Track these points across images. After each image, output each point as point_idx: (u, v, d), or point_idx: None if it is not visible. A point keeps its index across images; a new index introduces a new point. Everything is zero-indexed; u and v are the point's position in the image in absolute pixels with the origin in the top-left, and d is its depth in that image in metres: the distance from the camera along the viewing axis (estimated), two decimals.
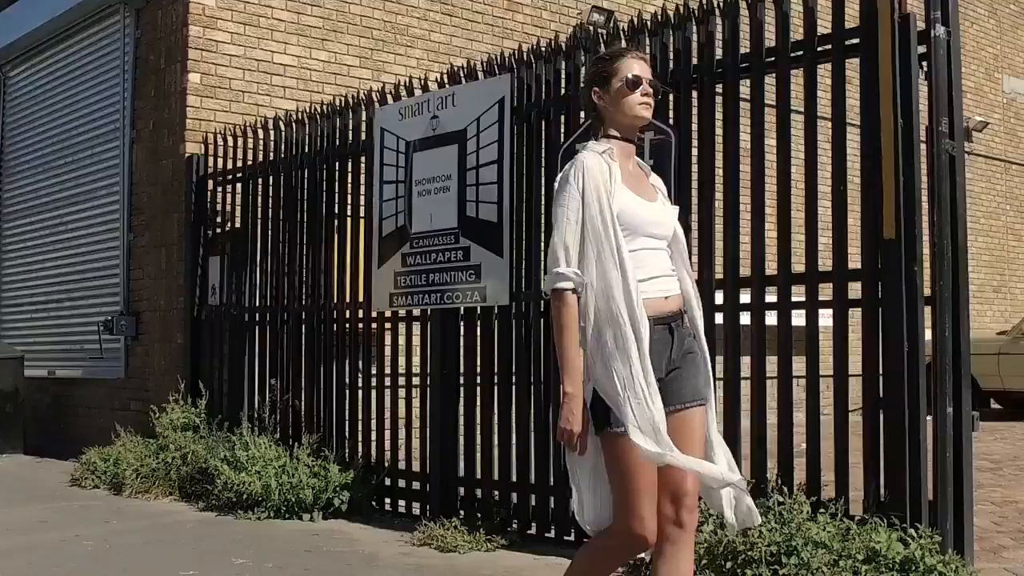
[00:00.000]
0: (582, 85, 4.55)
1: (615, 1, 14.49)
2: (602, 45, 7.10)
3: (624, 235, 3.86)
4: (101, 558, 7.01)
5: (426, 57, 12.54)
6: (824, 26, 6.04)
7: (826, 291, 5.96)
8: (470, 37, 13.07)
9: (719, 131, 6.41)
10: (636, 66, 4.04)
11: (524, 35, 12.97)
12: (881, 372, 5.67)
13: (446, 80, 8.14)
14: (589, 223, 3.82)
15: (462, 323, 7.86)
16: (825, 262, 5.97)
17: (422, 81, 8.42)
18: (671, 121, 6.64)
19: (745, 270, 6.24)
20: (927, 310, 5.66)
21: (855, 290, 5.86)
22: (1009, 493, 8.91)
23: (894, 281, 5.57)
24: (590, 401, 3.81)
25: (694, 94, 6.60)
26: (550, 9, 13.97)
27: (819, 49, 6.06)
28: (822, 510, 5.49)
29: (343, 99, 9.13)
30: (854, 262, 5.84)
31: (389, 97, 8.58)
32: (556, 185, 4.00)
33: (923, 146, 5.68)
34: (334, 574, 6.48)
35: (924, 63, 5.69)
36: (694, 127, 6.58)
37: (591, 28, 12.22)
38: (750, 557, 5.22)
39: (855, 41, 5.88)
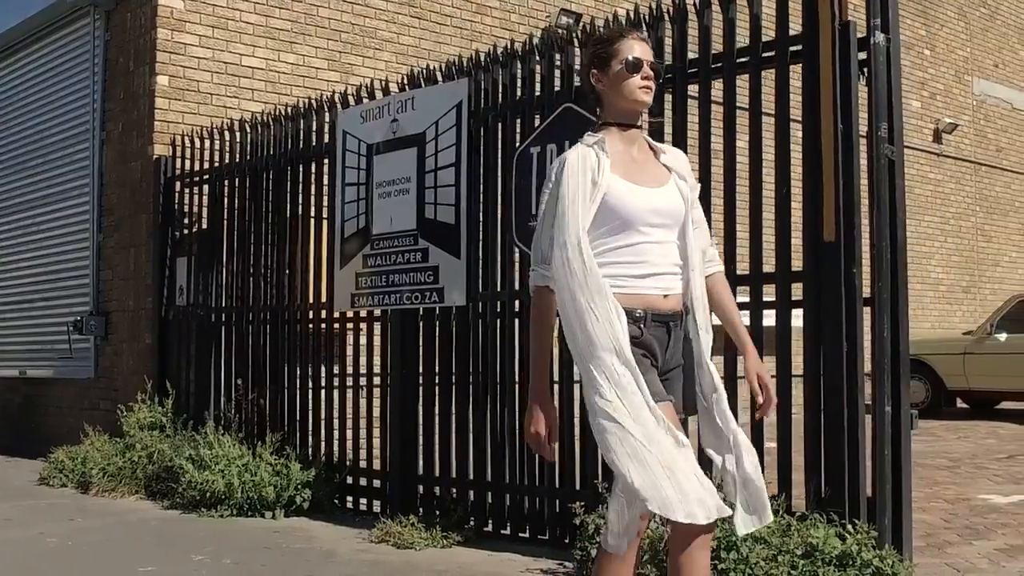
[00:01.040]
0: (581, 66, 4.34)
1: (583, 4, 14.61)
2: (559, 50, 7.23)
3: (618, 229, 3.72)
4: (62, 555, 7.10)
5: (395, 60, 12.64)
6: (770, 33, 6.17)
7: (772, 292, 6.08)
8: (439, 40, 13.18)
9: (669, 135, 6.53)
10: (637, 48, 3.87)
11: (493, 38, 13.05)
12: (822, 372, 5.78)
13: (406, 84, 8.25)
14: (562, 216, 3.67)
15: (421, 323, 7.96)
16: (771, 263, 6.10)
17: (383, 84, 8.52)
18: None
19: None
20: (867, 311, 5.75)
21: (799, 291, 5.97)
22: (963, 491, 9.05)
23: (834, 282, 5.69)
24: None
25: None
26: (519, 12, 14.09)
27: (764, 55, 6.19)
28: None
29: (307, 102, 9.23)
30: (798, 264, 5.96)
31: (351, 100, 8.68)
32: (545, 182, 3.91)
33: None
34: (290, 570, 6.58)
35: (865, 69, 5.81)
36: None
37: (559, 31, 12.33)
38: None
39: (798, 48, 6.01)
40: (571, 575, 6.18)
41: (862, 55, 5.82)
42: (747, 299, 6.08)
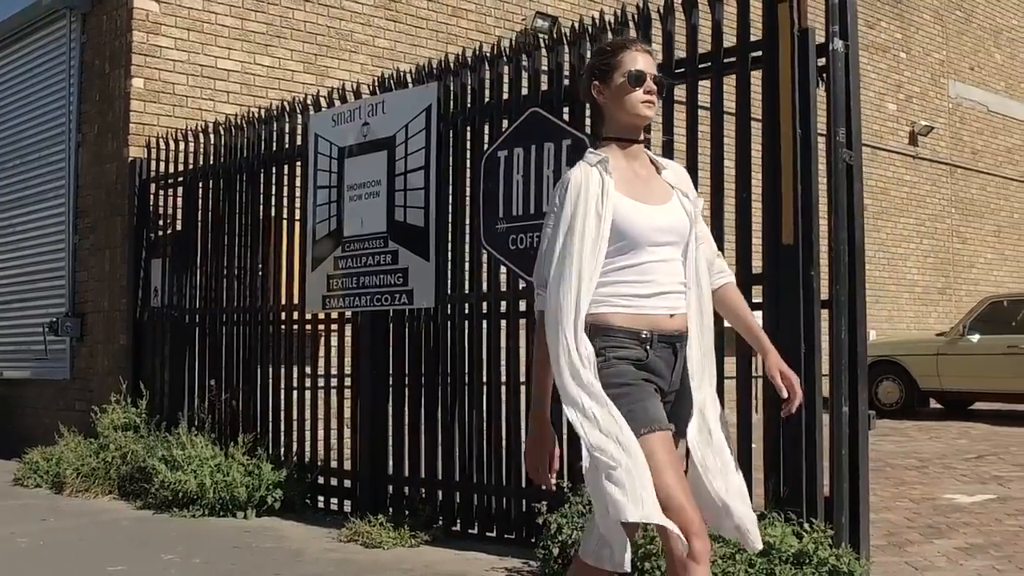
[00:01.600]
0: (581, 76, 4.12)
1: (559, 7, 14.69)
2: (527, 54, 7.31)
3: (625, 249, 3.62)
4: (33, 555, 7.16)
5: (370, 63, 12.71)
6: (732, 39, 6.27)
7: None
8: (414, 43, 13.25)
9: None
10: (640, 60, 3.75)
11: (468, 41, 13.13)
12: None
13: (377, 88, 8.33)
14: (567, 240, 3.57)
15: (392, 325, 8.04)
16: (732, 265, 6.18)
17: (355, 88, 8.59)
18: (587, 129, 6.84)
19: None
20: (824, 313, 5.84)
21: (759, 293, 6.06)
22: (929, 490, 9.15)
23: (792, 285, 5.78)
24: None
25: None
26: (494, 15, 14.16)
27: (726, 60, 6.28)
28: None
29: (280, 105, 9.30)
30: (758, 266, 6.05)
31: (323, 104, 8.76)
32: (549, 202, 3.77)
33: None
34: (258, 569, 6.65)
35: (823, 75, 5.90)
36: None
37: (535, 34, 12.40)
38: (649, 551, 5.41)
39: (759, 53, 6.10)
40: (536, 573, 6.25)
41: (821, 61, 5.92)
42: None
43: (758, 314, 6.00)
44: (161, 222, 10.68)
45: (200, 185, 10.07)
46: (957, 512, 8.14)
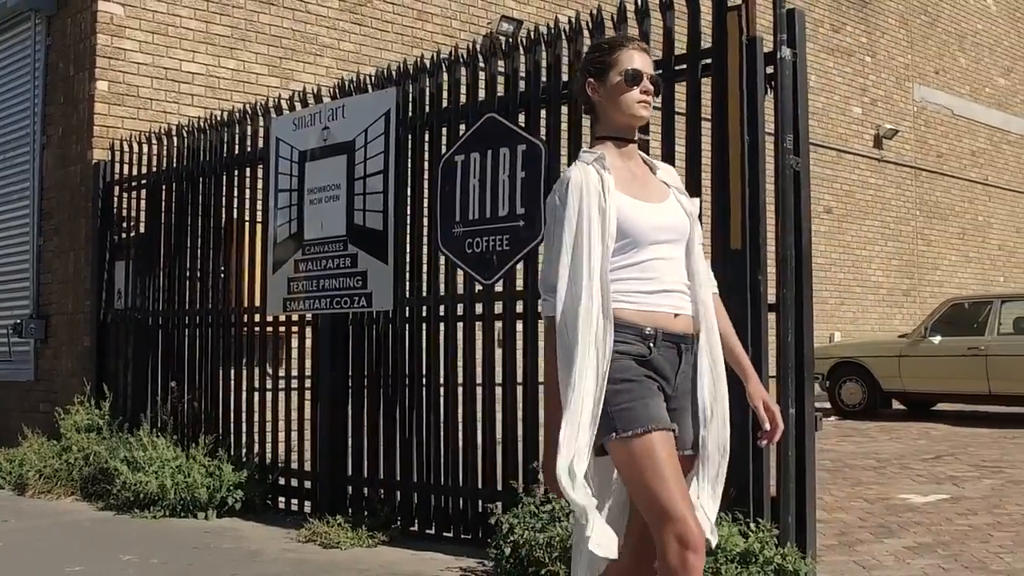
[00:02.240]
0: (576, 72, 4.03)
1: (524, 11, 14.77)
2: (484, 60, 7.39)
3: (628, 247, 3.56)
4: None
5: (335, 66, 12.77)
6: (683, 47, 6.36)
7: None
8: (380, 46, 13.31)
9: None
10: (637, 59, 3.68)
11: (434, 44, 13.18)
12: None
13: (337, 92, 8.40)
14: (575, 240, 3.50)
15: (351, 328, 8.10)
16: None
17: (315, 92, 8.66)
18: (543, 135, 6.94)
19: None
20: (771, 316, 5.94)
21: None
22: (884, 491, 9.27)
23: (740, 289, 5.87)
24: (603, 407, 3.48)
25: (564, 109, 6.92)
26: (460, 19, 14.24)
27: (676, 68, 6.37)
28: None
29: (242, 109, 9.36)
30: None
31: (285, 107, 8.82)
32: (546, 208, 3.71)
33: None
34: (215, 569, 6.71)
35: (772, 83, 6.00)
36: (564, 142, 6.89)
37: (500, 37, 12.48)
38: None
39: (709, 61, 6.20)
40: (489, 573, 6.33)
41: (770, 69, 6.02)
42: None
43: None
44: (125, 224, 10.72)
45: (163, 188, 10.11)
46: (910, 512, 8.25)
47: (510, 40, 7.40)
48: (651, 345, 3.54)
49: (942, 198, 22.89)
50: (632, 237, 3.55)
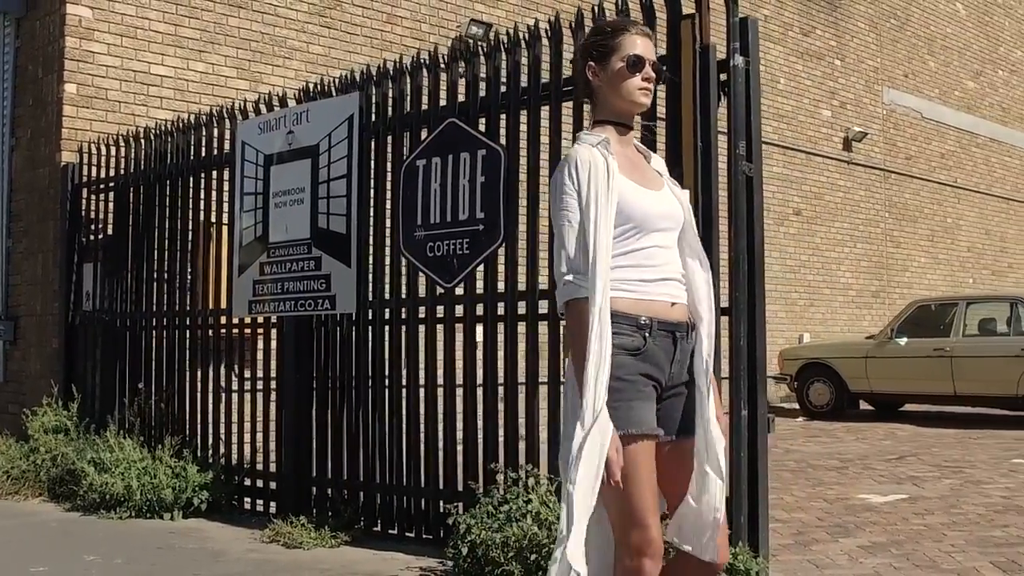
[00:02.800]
0: (576, 56, 3.91)
1: (494, 14, 14.85)
2: (445, 66, 7.47)
3: (631, 232, 3.52)
4: None
5: (304, 69, 12.81)
6: None
7: None
8: (349, 49, 13.37)
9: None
10: (640, 44, 3.64)
11: (403, 47, 13.28)
12: None
13: (301, 97, 8.48)
14: (584, 222, 3.44)
15: (315, 330, 8.18)
16: None
17: (281, 96, 8.73)
18: (503, 140, 7.03)
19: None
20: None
21: None
22: (845, 491, 9.39)
23: None
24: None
25: (523, 115, 7.01)
26: (429, 22, 14.30)
27: None
28: None
29: (208, 112, 9.42)
30: None
31: (251, 111, 8.89)
32: (551, 186, 3.60)
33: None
34: (178, 569, 6.78)
35: (725, 90, 6.11)
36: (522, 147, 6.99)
37: (470, 41, 12.56)
38: (552, 550, 5.59)
39: (663, 68, 6.28)
40: (449, 572, 6.41)
41: (723, 76, 6.12)
42: None
43: None
44: (93, 227, 10.77)
45: (131, 190, 10.16)
46: (868, 512, 8.37)
47: (479, 44, 7.50)
48: (646, 335, 3.50)
49: (911, 200, 23.06)
50: (635, 223, 3.52)
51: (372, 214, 7.83)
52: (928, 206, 23.54)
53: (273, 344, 8.56)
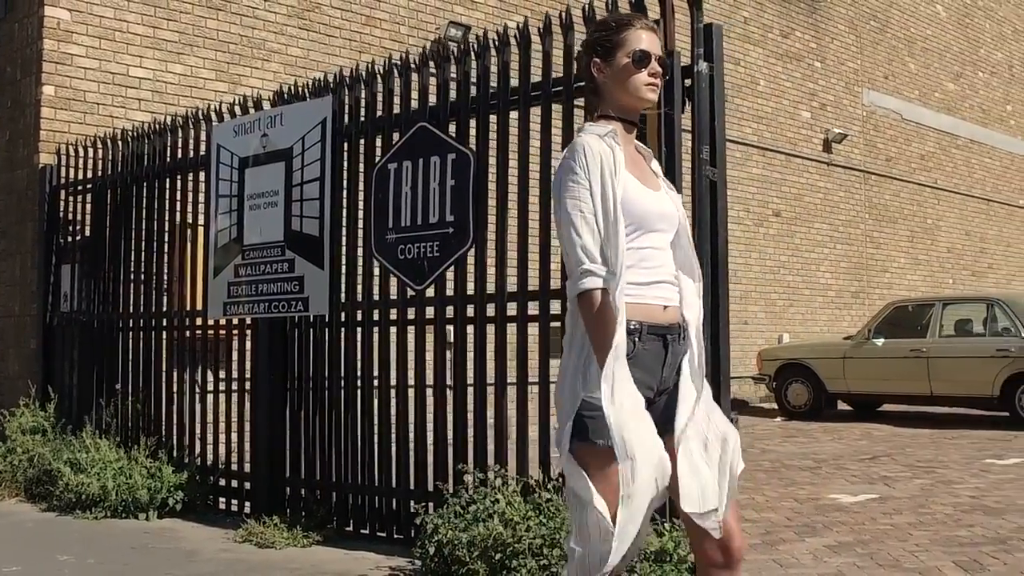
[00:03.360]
0: (579, 51, 3.83)
1: (473, 16, 14.92)
2: (416, 70, 7.54)
3: (630, 231, 3.44)
4: None
5: (283, 71, 12.88)
6: None
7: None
8: (328, 51, 13.44)
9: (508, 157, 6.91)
10: (645, 39, 3.58)
11: (382, 49, 13.33)
12: None
13: (276, 100, 8.55)
14: (597, 212, 3.37)
15: (289, 331, 8.24)
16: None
17: (255, 100, 8.79)
18: (472, 144, 7.11)
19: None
20: None
21: None
22: (816, 491, 9.47)
23: None
24: (579, 410, 3.38)
25: (492, 119, 7.09)
26: (408, 24, 14.37)
27: (576, 85, 6.52)
28: None
29: (184, 115, 9.47)
30: None
31: (227, 114, 8.95)
32: (557, 174, 3.51)
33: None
34: (150, 569, 6.84)
35: (689, 95, 6.18)
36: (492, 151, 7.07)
37: (449, 43, 12.63)
38: (517, 549, 5.68)
39: None
40: (417, 572, 6.48)
41: (687, 82, 6.20)
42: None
43: None
44: (71, 228, 10.81)
45: (109, 192, 10.21)
46: (837, 511, 8.45)
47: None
48: (635, 340, 3.41)
49: (891, 201, 23.20)
50: (637, 219, 3.46)
51: (345, 217, 7.89)
52: (908, 207, 23.68)
53: (248, 345, 8.62)
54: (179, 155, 9.43)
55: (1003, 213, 27.06)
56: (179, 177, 9.45)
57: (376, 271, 7.62)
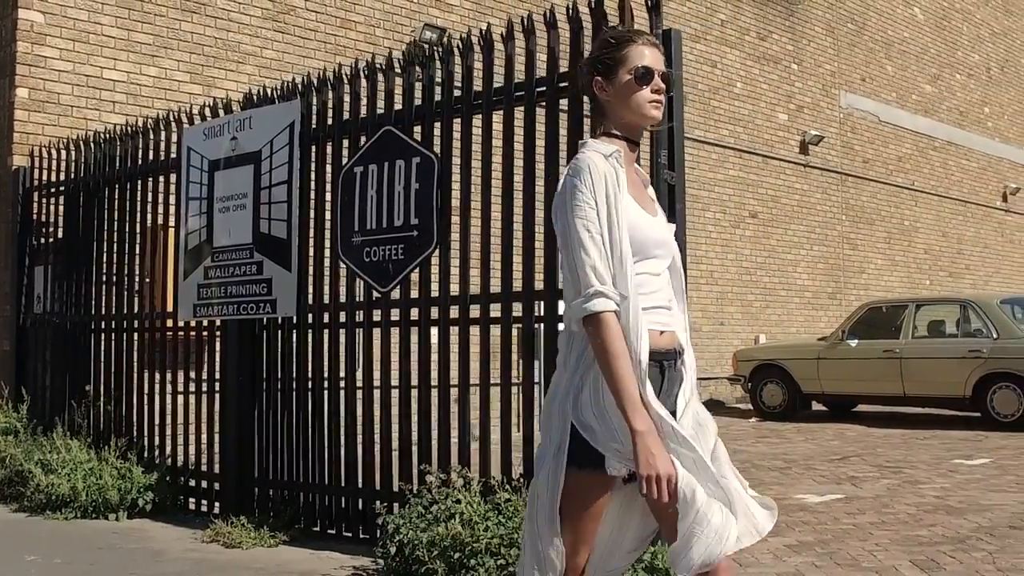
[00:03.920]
0: (581, 68, 3.74)
1: (448, 19, 14.99)
2: (382, 74, 7.61)
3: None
4: None
5: (258, 73, 12.93)
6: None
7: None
8: (303, 54, 13.48)
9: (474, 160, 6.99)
10: (648, 55, 3.47)
11: (357, 52, 13.38)
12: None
13: (245, 103, 8.61)
14: (604, 235, 3.28)
15: (258, 333, 8.30)
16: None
17: (225, 103, 8.85)
18: (436, 148, 7.18)
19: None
20: None
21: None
22: (783, 491, 9.55)
23: None
24: (570, 435, 3.33)
25: (456, 123, 7.16)
26: (383, 27, 14.43)
27: (560, 86, 6.60)
28: None
29: (155, 118, 9.52)
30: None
31: (197, 117, 9.01)
32: (559, 196, 3.39)
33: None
34: (116, 568, 6.90)
35: None
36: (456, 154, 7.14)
37: (424, 45, 12.68)
38: (475, 549, 5.75)
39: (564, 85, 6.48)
40: (380, 571, 6.54)
41: None
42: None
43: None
44: (44, 230, 10.85)
45: (81, 194, 10.26)
46: (802, 511, 8.53)
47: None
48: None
49: (868, 203, 23.32)
50: (637, 247, 3.36)
51: (312, 220, 7.96)
52: (885, 208, 23.81)
53: (219, 347, 8.67)
54: (150, 158, 9.48)
55: (980, 214, 27.23)
56: (150, 180, 9.50)
57: (343, 273, 7.68)
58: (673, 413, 3.40)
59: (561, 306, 5.95)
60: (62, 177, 10.57)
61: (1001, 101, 28.73)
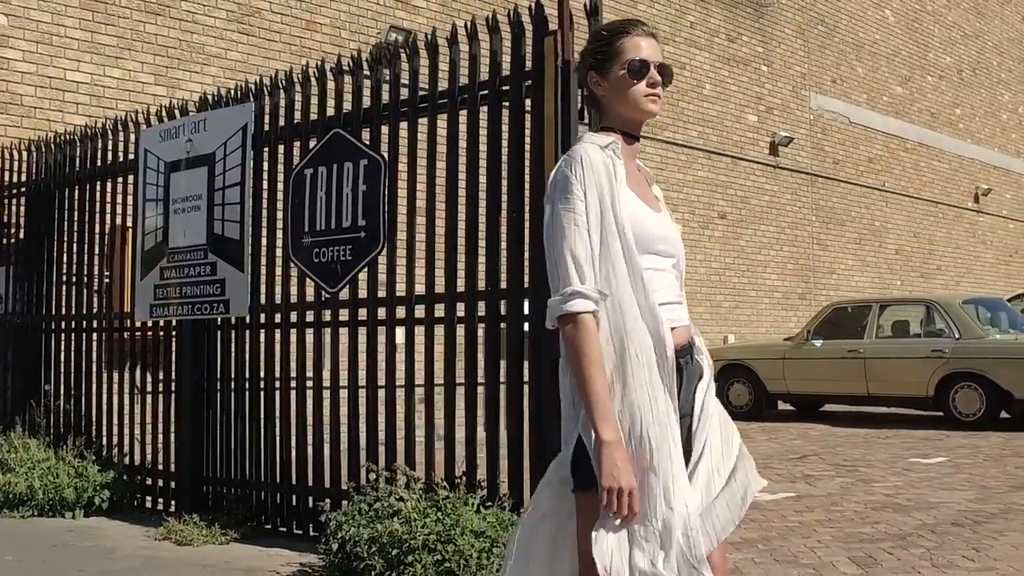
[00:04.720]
0: (578, 63, 3.65)
1: (415, 21, 15.06)
2: (332, 78, 7.70)
3: None
4: None
5: (222, 75, 12.97)
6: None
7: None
8: (268, 55, 13.54)
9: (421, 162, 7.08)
10: (643, 47, 3.31)
11: (323, 53, 13.36)
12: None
13: (199, 106, 8.69)
14: (597, 229, 3.16)
15: (211, 332, 8.39)
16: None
17: (181, 105, 8.93)
18: (384, 150, 7.27)
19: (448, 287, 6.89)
20: None
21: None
22: None
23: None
24: (572, 452, 3.17)
25: (403, 125, 7.25)
26: (349, 28, 14.49)
27: (502, 88, 6.70)
28: (489, 504, 6.14)
29: (114, 120, 9.59)
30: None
31: (154, 119, 9.08)
32: (550, 186, 3.26)
33: None
34: (66, 566, 6.98)
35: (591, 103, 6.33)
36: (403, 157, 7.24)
37: (389, 47, 12.74)
38: (412, 545, 5.84)
39: (530, 83, 6.55)
40: (325, 568, 6.62)
41: (586, 91, 6.34)
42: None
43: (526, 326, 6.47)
44: (6, 231, 10.91)
45: (43, 195, 10.32)
46: (752, 510, 8.52)
47: (353, 59, 7.70)
48: None
49: (838, 204, 23.46)
50: (638, 242, 3.22)
51: (265, 221, 8.05)
52: (856, 209, 23.96)
53: (175, 347, 8.75)
54: (109, 159, 9.56)
55: (951, 215, 27.40)
56: (109, 181, 9.57)
57: (294, 274, 7.77)
58: (691, 410, 3.33)
59: (503, 306, 6.08)
60: (23, 178, 10.62)
61: (973, 103, 28.92)
